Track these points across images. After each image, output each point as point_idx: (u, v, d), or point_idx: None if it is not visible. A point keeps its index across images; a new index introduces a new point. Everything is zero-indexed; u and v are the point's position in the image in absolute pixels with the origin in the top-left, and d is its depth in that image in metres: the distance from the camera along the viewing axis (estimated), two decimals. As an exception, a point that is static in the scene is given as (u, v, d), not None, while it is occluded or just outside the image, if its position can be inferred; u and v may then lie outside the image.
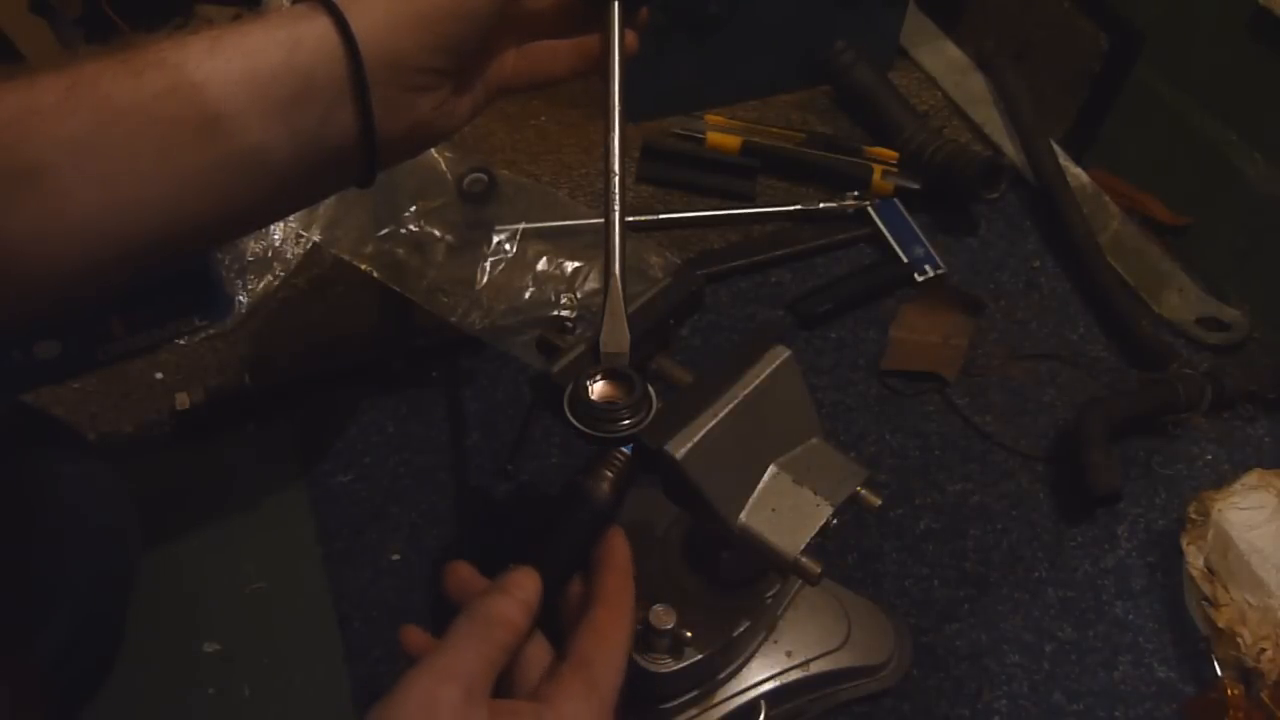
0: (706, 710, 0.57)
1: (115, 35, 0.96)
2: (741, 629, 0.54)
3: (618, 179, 0.49)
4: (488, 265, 0.80)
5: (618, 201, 0.49)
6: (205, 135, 0.40)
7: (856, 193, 0.92)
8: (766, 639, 0.59)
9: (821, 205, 0.92)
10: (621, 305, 0.48)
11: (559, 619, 0.45)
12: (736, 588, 0.55)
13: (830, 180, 0.95)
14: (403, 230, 0.79)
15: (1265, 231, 0.86)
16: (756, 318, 0.86)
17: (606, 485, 0.44)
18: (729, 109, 1.02)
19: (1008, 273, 0.90)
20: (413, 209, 0.80)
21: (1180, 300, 0.87)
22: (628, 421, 0.45)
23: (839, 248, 0.91)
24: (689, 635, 0.51)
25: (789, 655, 0.59)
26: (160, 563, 0.67)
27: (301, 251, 0.84)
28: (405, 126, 0.46)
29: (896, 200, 0.92)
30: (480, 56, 0.50)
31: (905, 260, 0.88)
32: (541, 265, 0.82)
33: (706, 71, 0.99)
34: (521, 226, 0.83)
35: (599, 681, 0.40)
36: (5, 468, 0.57)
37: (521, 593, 0.41)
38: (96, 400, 0.76)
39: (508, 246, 0.82)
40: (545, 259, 0.82)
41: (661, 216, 0.91)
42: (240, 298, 0.81)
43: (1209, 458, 0.78)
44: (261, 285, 0.82)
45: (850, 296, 0.86)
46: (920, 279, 0.88)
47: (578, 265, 0.82)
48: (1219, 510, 0.67)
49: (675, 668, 0.52)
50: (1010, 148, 0.98)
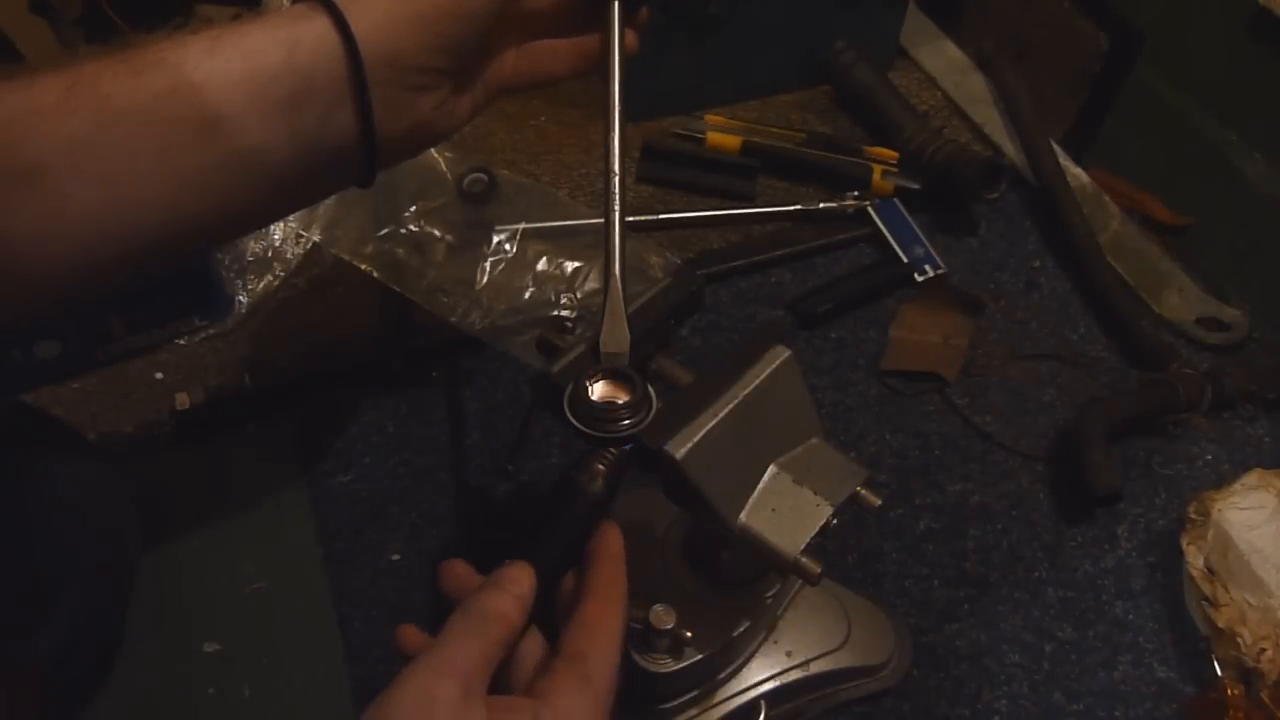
0: (706, 710, 0.57)
1: (115, 35, 0.96)
2: (741, 629, 0.54)
3: (618, 179, 0.49)
4: (488, 265, 0.80)
5: (618, 201, 0.49)
6: (205, 135, 0.40)
7: (856, 193, 0.92)
8: (766, 639, 0.59)
9: (821, 205, 0.92)
10: (621, 305, 0.48)
11: (554, 614, 0.45)
12: (736, 588, 0.55)
13: (830, 180, 0.95)
14: (403, 230, 0.79)
15: (1265, 231, 0.86)
16: (756, 318, 0.86)
17: (599, 479, 0.44)
18: (729, 109, 1.02)
19: (1008, 273, 0.90)
20: (413, 209, 0.80)
21: (1180, 300, 0.87)
22: (628, 421, 0.45)
23: (839, 248, 0.91)
24: (689, 635, 0.51)
25: (789, 655, 0.59)
26: (160, 563, 0.67)
27: (301, 251, 0.84)
28: (405, 126, 0.46)
29: (896, 200, 0.92)
30: (480, 56, 0.50)
31: (905, 260, 0.88)
32: (541, 265, 0.82)
33: (706, 71, 0.99)
34: (521, 226, 0.83)
35: (593, 675, 0.40)
36: (5, 468, 0.58)
37: (516, 588, 0.41)
38: (96, 400, 0.76)
39: (508, 246, 0.82)
40: (545, 259, 0.82)
41: (661, 216, 0.91)
42: (240, 298, 0.81)
43: (1209, 458, 0.78)
44: (261, 285, 0.82)
45: (850, 296, 0.86)
46: (920, 279, 0.88)
47: (578, 265, 0.82)
48: (1219, 510, 0.67)
49: (675, 668, 0.52)
50: (1010, 148, 0.98)
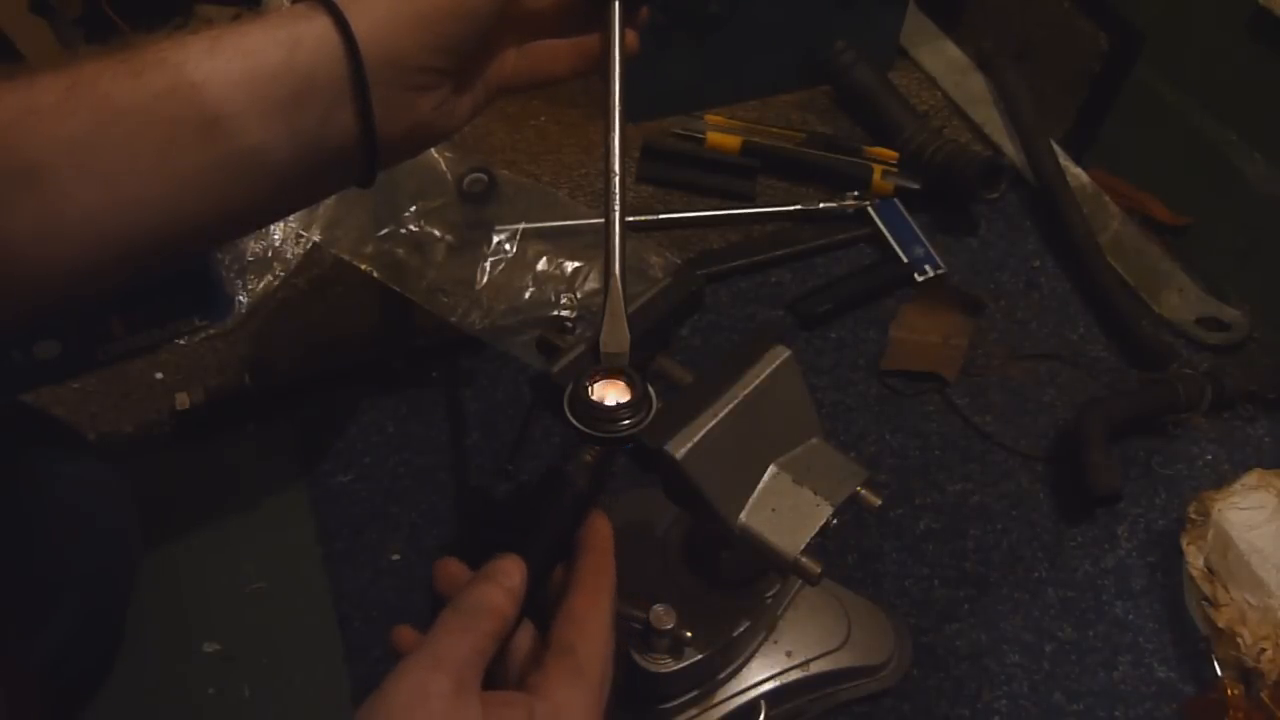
0: (706, 710, 0.57)
1: (115, 35, 0.96)
2: (741, 629, 0.54)
3: (618, 179, 0.49)
4: (488, 265, 0.80)
5: (618, 201, 0.49)
6: (205, 135, 0.40)
7: (856, 193, 0.92)
8: (766, 639, 0.59)
9: (821, 205, 0.92)
10: (621, 305, 0.48)
11: (546, 607, 0.45)
12: (736, 588, 0.55)
13: (830, 180, 0.95)
14: (403, 230, 0.79)
15: (1265, 231, 0.86)
16: (756, 318, 0.86)
17: (586, 471, 0.44)
18: (729, 109, 1.02)
19: (1008, 273, 0.90)
20: (413, 209, 0.80)
21: (1180, 300, 0.87)
22: (628, 421, 0.45)
23: (839, 248, 0.91)
24: (689, 635, 0.51)
25: (789, 655, 0.59)
26: (160, 563, 0.67)
27: (301, 251, 0.84)
28: (405, 126, 0.46)
29: (896, 200, 0.92)
30: (480, 56, 0.50)
31: (905, 260, 0.88)
32: (541, 265, 0.82)
33: (706, 71, 0.99)
34: (521, 226, 0.83)
35: (584, 667, 0.40)
36: (5, 468, 0.58)
37: (507, 580, 0.41)
38: (96, 400, 0.76)
39: (508, 246, 0.82)
40: (545, 259, 0.82)
41: (661, 216, 0.91)
42: (240, 298, 0.81)
43: (1209, 458, 0.78)
44: (261, 285, 0.82)
45: (850, 296, 0.86)
46: (920, 279, 0.88)
47: (578, 265, 0.82)
48: (1219, 510, 0.67)
49: (675, 668, 0.52)
50: (1010, 148, 0.98)
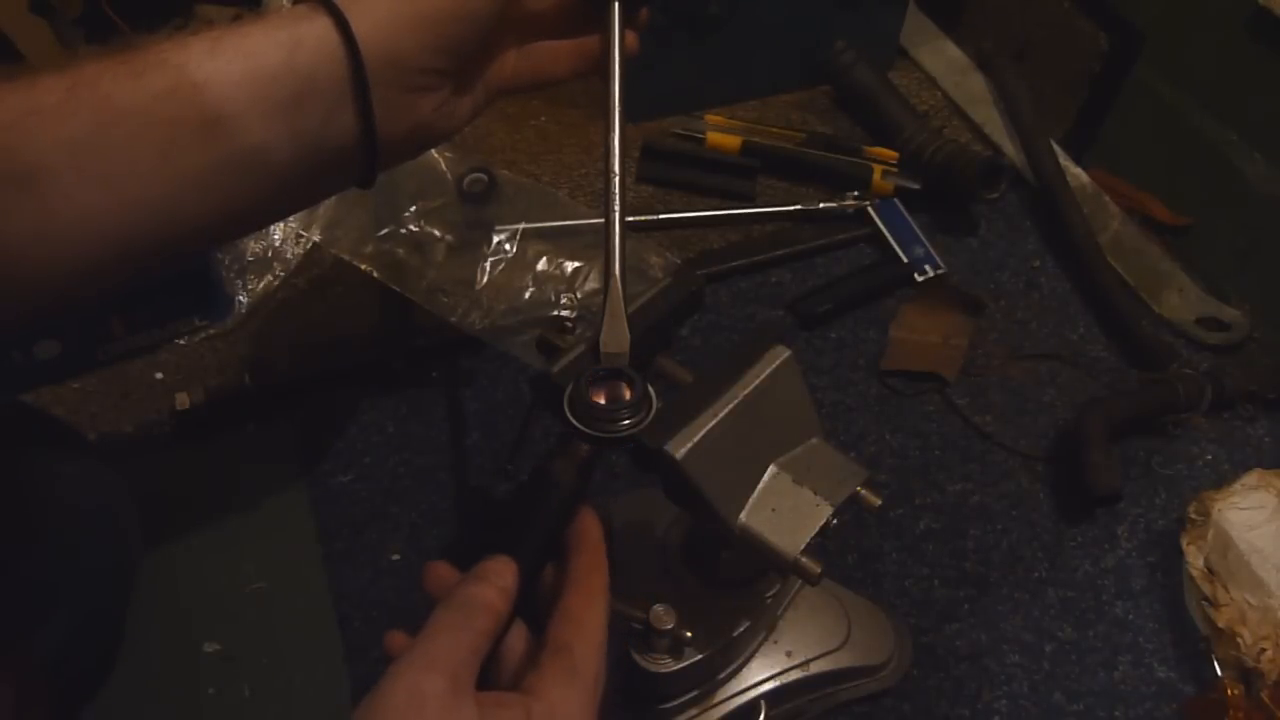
0: (706, 710, 0.57)
1: (115, 35, 0.96)
2: (741, 629, 0.54)
3: (618, 179, 0.49)
4: (488, 265, 0.80)
5: (618, 201, 0.49)
6: (206, 136, 0.40)
7: (856, 193, 0.92)
8: (766, 639, 0.59)
9: (821, 205, 0.92)
10: (621, 305, 0.48)
11: (537, 607, 0.44)
12: (736, 588, 0.55)
13: (830, 180, 0.95)
14: (403, 230, 0.79)
15: (1265, 231, 0.86)
16: (756, 318, 0.86)
17: (573, 468, 0.44)
18: (729, 109, 1.02)
19: (1008, 273, 0.90)
20: (413, 209, 0.80)
21: (1180, 300, 0.87)
22: (628, 421, 0.45)
23: (839, 248, 0.91)
24: (689, 635, 0.51)
25: (789, 655, 0.59)
26: (160, 563, 0.67)
27: (301, 251, 0.84)
28: (406, 127, 0.46)
29: (896, 200, 0.92)
30: (481, 57, 0.50)
31: (905, 260, 0.88)
32: (541, 265, 0.82)
33: (706, 71, 0.99)
34: (521, 226, 0.83)
35: (579, 666, 0.40)
36: (5, 468, 0.58)
37: (499, 579, 0.41)
38: (96, 400, 0.76)
39: (508, 246, 0.82)
40: (545, 259, 0.82)
41: (661, 216, 0.91)
42: (240, 298, 0.81)
43: (1209, 458, 0.78)
44: (261, 285, 0.82)
45: (850, 296, 0.86)
46: (920, 279, 0.88)
47: (578, 265, 0.82)
48: (1219, 510, 0.67)
49: (675, 668, 0.52)
50: (1010, 148, 0.98)
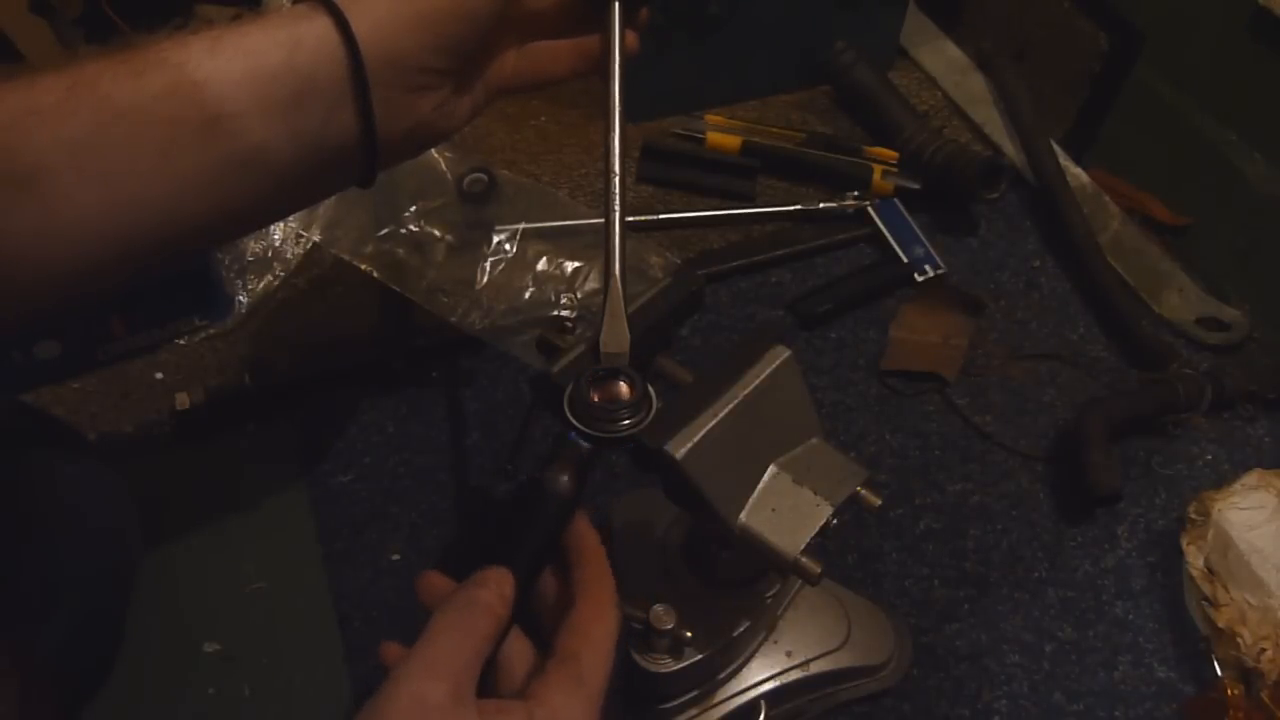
0: (706, 710, 0.57)
1: (115, 35, 0.96)
2: (741, 629, 0.54)
3: (618, 179, 0.49)
4: (488, 265, 0.80)
5: (618, 201, 0.49)
6: (206, 135, 0.40)
7: (856, 193, 0.92)
8: (766, 639, 0.59)
9: (821, 205, 0.92)
10: (621, 305, 0.48)
11: (535, 616, 0.44)
12: (736, 588, 0.55)
13: (830, 180, 0.95)
14: (403, 230, 0.79)
15: (1265, 231, 0.86)
16: (756, 318, 0.86)
17: (567, 476, 0.44)
18: (729, 109, 1.02)
19: (1008, 273, 0.90)
20: (413, 209, 0.80)
21: (1180, 300, 0.87)
22: (628, 421, 0.45)
23: (839, 248, 0.91)
24: (689, 635, 0.51)
25: (789, 655, 0.59)
26: (160, 563, 0.67)
27: (301, 251, 0.84)
28: (406, 127, 0.46)
29: (896, 200, 0.92)
30: (481, 57, 0.50)
31: (905, 260, 0.88)
32: (541, 265, 0.82)
33: (706, 71, 0.99)
34: (521, 226, 0.83)
35: (586, 676, 0.40)
36: (5, 468, 0.58)
37: (498, 587, 0.41)
38: (96, 400, 0.76)
39: (508, 246, 0.82)
40: (545, 259, 0.82)
41: (661, 216, 0.91)
42: (240, 298, 0.81)
43: (1209, 458, 0.78)
44: (261, 285, 0.82)
45: (850, 296, 0.86)
46: (920, 279, 0.88)
47: (578, 265, 0.82)
48: (1219, 510, 0.67)
49: (675, 668, 0.52)
50: (1010, 148, 0.98)
